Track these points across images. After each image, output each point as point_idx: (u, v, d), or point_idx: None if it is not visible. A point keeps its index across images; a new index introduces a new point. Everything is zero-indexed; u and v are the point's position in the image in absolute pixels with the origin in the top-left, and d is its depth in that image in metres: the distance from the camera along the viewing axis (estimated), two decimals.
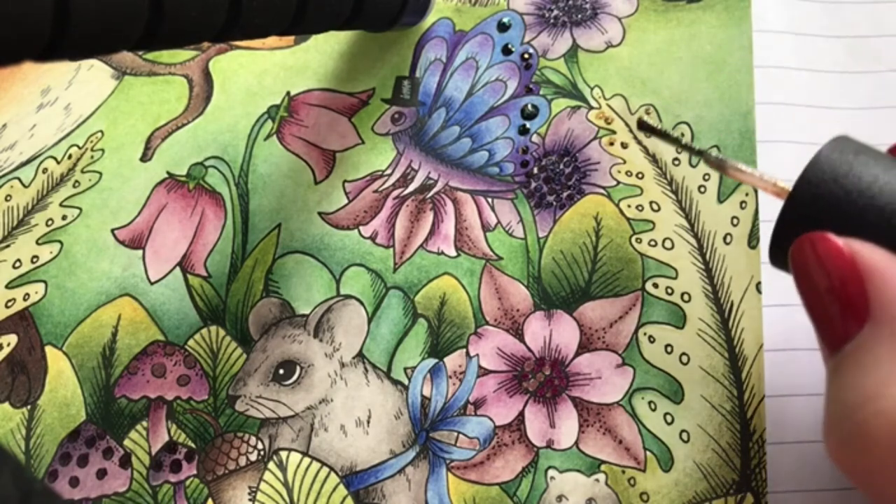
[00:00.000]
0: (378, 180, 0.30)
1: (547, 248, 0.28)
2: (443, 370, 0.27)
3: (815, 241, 0.19)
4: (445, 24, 0.32)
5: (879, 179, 0.19)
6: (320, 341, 0.28)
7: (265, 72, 0.32)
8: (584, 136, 0.29)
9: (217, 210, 0.30)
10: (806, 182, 0.20)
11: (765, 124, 0.28)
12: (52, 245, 0.31)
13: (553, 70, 0.31)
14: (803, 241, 0.19)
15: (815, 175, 0.20)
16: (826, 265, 0.18)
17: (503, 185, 0.29)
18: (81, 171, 0.32)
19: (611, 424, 0.26)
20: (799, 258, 0.19)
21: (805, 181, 0.20)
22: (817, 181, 0.19)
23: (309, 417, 0.27)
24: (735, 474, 0.25)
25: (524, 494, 0.25)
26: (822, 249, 0.18)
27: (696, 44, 0.30)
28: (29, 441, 0.28)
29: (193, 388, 0.28)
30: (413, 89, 0.31)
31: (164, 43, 0.21)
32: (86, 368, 0.29)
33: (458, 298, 0.28)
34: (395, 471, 0.26)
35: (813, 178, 0.20)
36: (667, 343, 0.26)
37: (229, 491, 0.27)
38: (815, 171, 0.20)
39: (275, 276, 0.29)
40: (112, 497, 0.27)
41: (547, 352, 0.27)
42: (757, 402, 0.25)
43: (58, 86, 0.34)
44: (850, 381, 0.17)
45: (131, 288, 0.30)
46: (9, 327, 0.30)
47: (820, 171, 0.20)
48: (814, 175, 0.20)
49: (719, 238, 0.27)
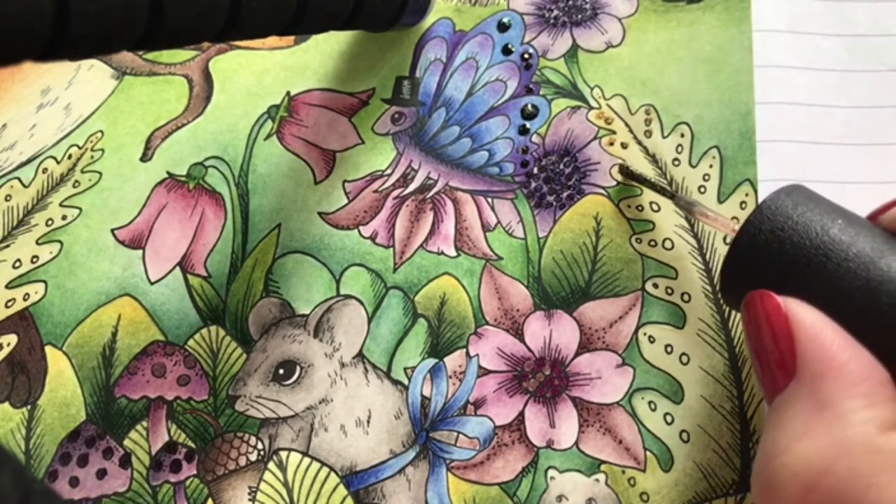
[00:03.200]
0: (378, 180, 0.30)
1: (547, 248, 0.28)
2: (443, 370, 0.27)
3: (761, 298, 0.20)
4: (445, 24, 0.32)
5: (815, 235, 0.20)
6: (320, 341, 0.28)
7: (265, 72, 0.32)
8: (584, 137, 0.29)
9: (217, 210, 0.30)
10: (745, 232, 0.21)
11: (765, 124, 0.29)
12: (52, 245, 0.31)
13: (553, 70, 0.31)
14: (753, 296, 0.20)
15: (755, 224, 0.21)
16: (767, 321, 0.19)
17: (503, 185, 0.29)
18: (81, 171, 0.32)
19: (611, 424, 0.26)
20: (749, 311, 0.20)
21: (745, 230, 0.21)
22: (756, 230, 0.20)
23: (309, 417, 0.27)
24: (735, 474, 0.25)
25: (524, 494, 0.25)
26: (765, 306, 0.20)
27: (696, 44, 0.30)
28: (29, 441, 0.28)
29: (193, 388, 0.28)
30: (413, 89, 0.31)
31: (165, 43, 0.21)
32: (86, 368, 0.29)
33: (458, 298, 0.28)
34: (395, 471, 0.26)
35: (752, 227, 0.21)
36: (667, 343, 0.26)
37: (229, 491, 0.27)
38: (755, 222, 0.21)
39: (275, 276, 0.29)
40: (112, 497, 0.27)
41: (547, 352, 0.27)
42: (757, 402, 0.25)
43: (58, 86, 0.34)
44: (771, 432, 0.18)
45: (131, 288, 0.30)
46: (9, 327, 0.30)
47: (758, 222, 0.21)
48: (753, 225, 0.21)
49: (719, 238, 0.27)
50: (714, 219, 0.24)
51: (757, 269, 0.20)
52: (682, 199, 0.26)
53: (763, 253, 0.20)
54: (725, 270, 0.21)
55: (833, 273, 0.19)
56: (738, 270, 0.21)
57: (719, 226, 0.24)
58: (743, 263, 0.21)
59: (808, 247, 0.19)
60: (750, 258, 0.21)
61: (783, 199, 0.21)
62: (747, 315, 0.20)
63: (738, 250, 0.21)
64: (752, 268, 0.20)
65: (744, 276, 0.21)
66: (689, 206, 0.25)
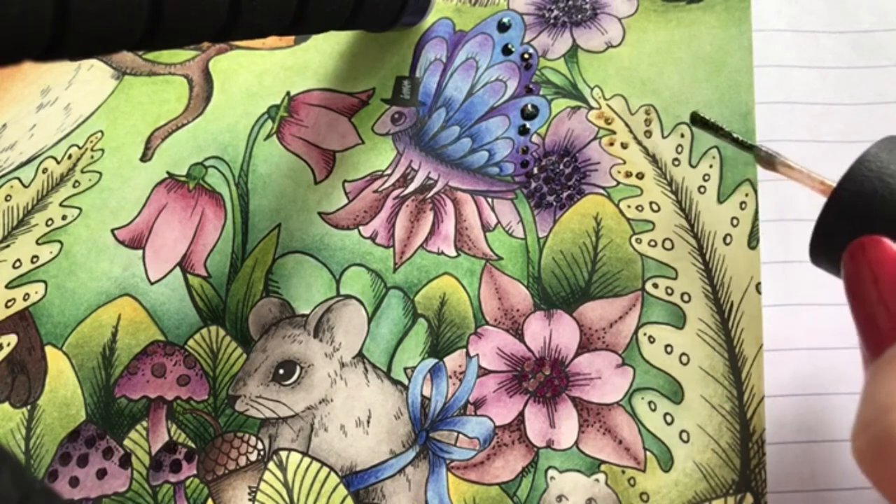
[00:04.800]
0: (378, 180, 0.30)
1: (547, 248, 0.28)
2: (443, 370, 0.27)
3: (869, 245, 0.18)
4: (445, 24, 0.32)
5: None
6: (320, 341, 0.28)
7: (265, 72, 0.32)
8: (584, 137, 0.29)
9: (217, 210, 0.30)
10: (850, 180, 0.19)
11: (765, 124, 0.28)
12: (52, 245, 0.31)
13: (553, 70, 0.31)
14: (858, 244, 0.19)
15: (861, 172, 0.19)
16: (876, 270, 0.18)
17: (503, 185, 0.29)
18: (81, 171, 0.32)
19: (611, 424, 0.26)
20: (852, 261, 0.19)
21: (849, 179, 0.19)
22: (861, 178, 0.19)
23: (309, 417, 0.27)
24: (735, 474, 0.25)
25: (524, 494, 0.25)
26: (874, 254, 0.18)
27: (696, 44, 0.30)
28: (29, 441, 0.28)
29: (193, 388, 0.28)
30: (413, 89, 0.31)
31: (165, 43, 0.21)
32: (86, 368, 0.29)
33: (458, 298, 0.28)
34: (395, 471, 0.26)
35: (858, 175, 0.19)
36: (667, 343, 0.26)
37: (229, 491, 0.27)
38: (861, 169, 0.19)
39: (275, 276, 0.29)
40: (112, 497, 0.27)
41: (547, 352, 0.27)
42: (757, 403, 0.25)
43: (58, 86, 0.34)
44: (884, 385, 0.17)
45: (131, 288, 0.30)
46: (9, 327, 0.30)
47: (866, 169, 0.19)
48: (859, 172, 0.19)
49: (719, 238, 0.27)
50: (799, 171, 0.22)
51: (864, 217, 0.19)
52: (762, 151, 0.23)
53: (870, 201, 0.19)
54: (825, 222, 0.20)
55: None
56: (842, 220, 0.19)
57: (805, 178, 0.22)
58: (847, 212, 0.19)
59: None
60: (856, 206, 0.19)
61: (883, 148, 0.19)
62: (853, 263, 0.19)
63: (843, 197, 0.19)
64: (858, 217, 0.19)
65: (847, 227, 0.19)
66: (770, 159, 0.23)
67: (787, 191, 0.27)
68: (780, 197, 0.27)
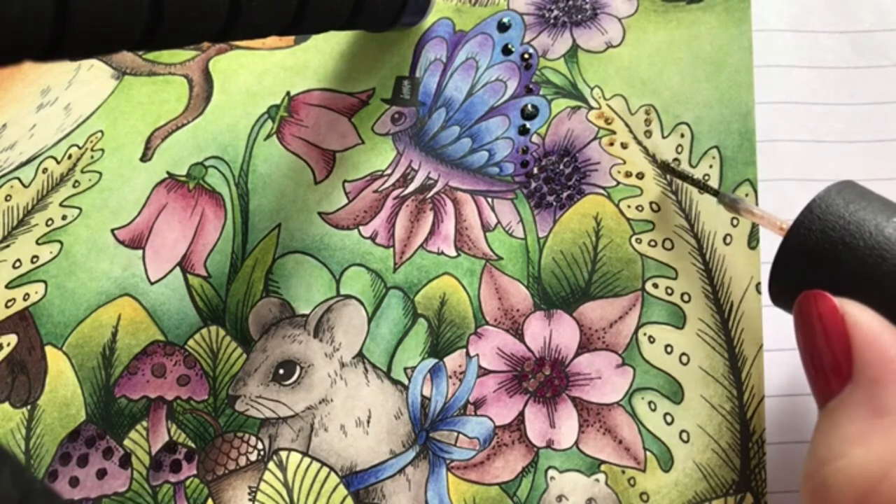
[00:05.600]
0: (378, 180, 0.30)
1: (547, 248, 0.28)
2: (443, 370, 0.27)
3: (815, 298, 0.19)
4: (445, 24, 0.32)
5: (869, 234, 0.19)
6: (320, 341, 0.28)
7: (265, 72, 0.32)
8: (584, 137, 0.29)
9: (217, 210, 0.30)
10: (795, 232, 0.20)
11: (765, 124, 0.29)
12: (52, 245, 0.31)
13: (553, 70, 0.31)
14: (807, 296, 0.19)
15: (804, 224, 0.20)
16: (821, 322, 0.19)
17: (503, 185, 0.29)
18: (81, 171, 0.32)
19: (611, 424, 0.26)
20: (802, 312, 0.20)
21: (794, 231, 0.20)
22: (805, 231, 0.20)
23: (309, 417, 0.27)
24: (735, 474, 0.25)
25: (524, 494, 0.25)
26: (819, 307, 0.19)
27: (696, 44, 0.30)
28: (29, 441, 0.28)
29: (193, 388, 0.28)
30: (413, 89, 0.31)
31: (165, 43, 0.21)
32: (86, 368, 0.29)
33: (458, 298, 0.28)
34: (395, 471, 0.26)
35: (801, 228, 0.20)
36: (667, 343, 0.26)
37: (229, 491, 0.27)
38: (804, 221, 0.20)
39: (275, 276, 0.29)
40: (112, 497, 0.27)
41: (547, 352, 0.27)
42: (757, 403, 0.25)
43: (58, 86, 0.34)
44: (825, 436, 0.18)
45: (131, 288, 0.30)
46: (9, 327, 0.30)
47: (808, 222, 0.20)
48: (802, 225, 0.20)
49: (719, 238, 0.27)
50: (760, 216, 0.23)
51: (808, 270, 0.19)
52: (726, 197, 0.25)
53: (814, 254, 0.19)
54: (775, 272, 0.21)
55: (889, 274, 0.18)
56: (789, 272, 0.20)
57: (766, 224, 0.23)
58: (793, 265, 0.20)
59: (861, 247, 0.19)
60: (800, 259, 0.20)
61: (834, 197, 0.20)
62: (801, 316, 0.19)
63: (788, 251, 0.20)
64: (803, 269, 0.20)
65: (794, 278, 0.20)
66: (734, 204, 0.24)
67: (788, 191, 0.27)
68: (780, 197, 0.27)
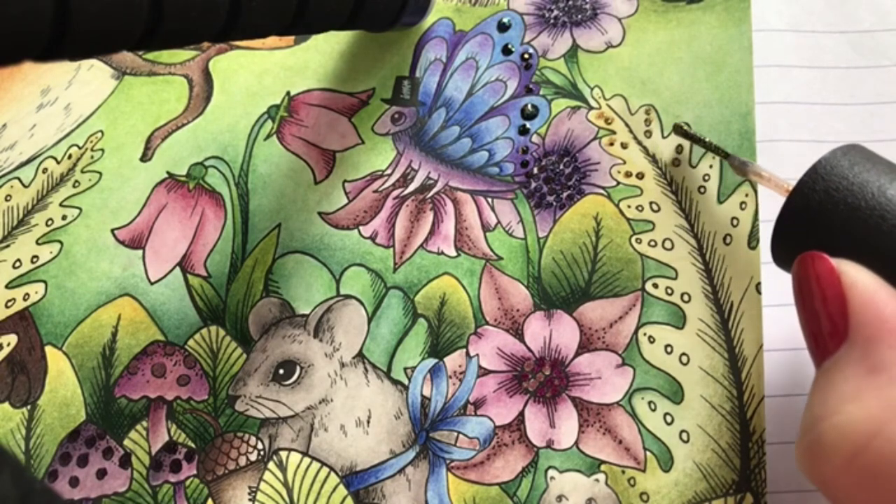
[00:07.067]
0: (378, 180, 0.30)
1: (547, 248, 0.28)
2: (443, 370, 0.27)
3: (813, 259, 0.19)
4: (445, 24, 0.32)
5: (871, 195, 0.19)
6: (320, 341, 0.28)
7: (265, 72, 0.32)
8: (584, 137, 0.29)
9: (217, 210, 0.30)
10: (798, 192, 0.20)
11: (765, 124, 0.29)
12: (52, 245, 0.31)
13: (553, 70, 0.31)
14: (804, 258, 0.20)
15: (808, 184, 0.20)
16: (818, 283, 0.19)
17: (503, 185, 0.29)
18: (81, 171, 0.32)
19: (611, 424, 0.26)
20: (800, 273, 0.20)
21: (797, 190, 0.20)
22: (809, 190, 0.20)
23: (309, 417, 0.27)
24: (735, 474, 0.25)
25: (524, 494, 0.25)
26: (817, 268, 0.19)
27: (696, 44, 0.30)
28: (29, 441, 0.28)
29: (193, 388, 0.28)
30: (413, 89, 0.31)
31: (165, 43, 0.21)
32: (86, 368, 0.29)
33: (458, 298, 0.28)
34: (395, 471, 0.26)
35: (805, 187, 0.20)
36: (667, 343, 0.26)
37: (229, 491, 0.27)
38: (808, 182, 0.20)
39: (275, 276, 0.29)
40: (112, 497, 0.27)
41: (547, 352, 0.27)
42: (757, 403, 0.25)
43: (58, 86, 0.34)
44: (820, 395, 0.18)
45: (131, 288, 0.30)
46: (9, 327, 0.30)
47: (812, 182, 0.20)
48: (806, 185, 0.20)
49: (719, 238, 0.27)
50: (768, 179, 0.24)
51: (809, 230, 0.20)
52: (735, 159, 0.26)
53: (816, 214, 0.19)
54: (777, 231, 0.21)
55: (889, 234, 0.18)
56: (790, 232, 0.20)
57: (773, 186, 0.24)
58: (795, 224, 0.20)
59: (863, 207, 0.19)
60: (802, 219, 0.20)
61: (839, 159, 0.20)
62: (798, 277, 0.20)
63: (791, 211, 0.20)
64: (805, 229, 0.20)
65: (796, 238, 0.20)
66: (743, 167, 0.25)
67: None
68: (781, 197, 0.27)
